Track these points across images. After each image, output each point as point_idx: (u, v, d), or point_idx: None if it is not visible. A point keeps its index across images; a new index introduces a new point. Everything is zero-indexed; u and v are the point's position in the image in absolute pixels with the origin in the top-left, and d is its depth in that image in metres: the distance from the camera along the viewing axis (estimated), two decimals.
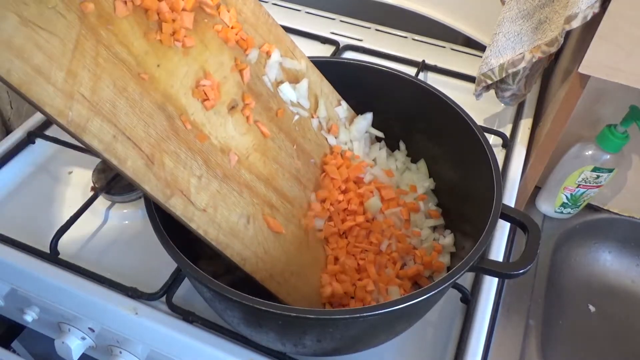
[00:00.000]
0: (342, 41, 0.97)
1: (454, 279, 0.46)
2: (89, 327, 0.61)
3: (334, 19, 1.04)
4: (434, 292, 0.44)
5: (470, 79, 0.87)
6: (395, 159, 0.70)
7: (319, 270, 0.58)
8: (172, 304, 0.57)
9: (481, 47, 0.92)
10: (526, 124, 0.82)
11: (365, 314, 0.42)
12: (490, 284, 0.60)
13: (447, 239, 0.62)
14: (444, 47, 0.98)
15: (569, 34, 0.75)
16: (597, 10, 0.59)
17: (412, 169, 0.70)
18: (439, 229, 0.65)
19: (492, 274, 0.50)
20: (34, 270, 0.59)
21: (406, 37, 1.00)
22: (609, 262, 0.88)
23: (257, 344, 0.54)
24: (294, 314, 0.42)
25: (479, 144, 0.57)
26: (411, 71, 0.88)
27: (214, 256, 0.51)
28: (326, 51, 0.94)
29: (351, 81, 0.67)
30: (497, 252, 0.64)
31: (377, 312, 0.43)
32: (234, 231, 0.51)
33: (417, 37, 1.00)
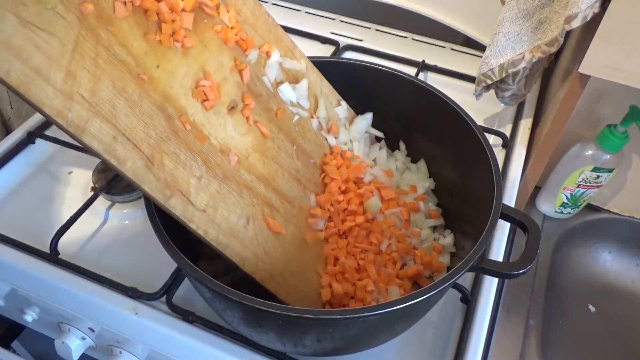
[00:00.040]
0: (342, 41, 0.97)
1: (454, 279, 0.46)
2: (89, 327, 0.61)
3: (334, 19, 1.04)
4: (434, 292, 0.44)
5: (470, 79, 0.87)
6: (395, 159, 0.70)
7: (318, 270, 0.58)
8: (172, 304, 0.57)
9: (481, 47, 0.92)
10: (526, 124, 0.82)
11: (365, 314, 0.42)
12: (490, 284, 0.60)
13: (447, 239, 0.62)
14: (444, 47, 0.98)
15: (569, 34, 0.75)
16: (597, 10, 0.59)
17: (412, 169, 0.70)
18: (439, 229, 0.65)
19: (492, 274, 0.50)
20: (34, 270, 0.59)
21: (406, 37, 1.00)
22: (609, 262, 0.88)
23: (257, 344, 0.54)
24: (294, 314, 0.42)
25: (479, 144, 0.57)
26: (411, 71, 0.88)
27: (214, 256, 0.51)
28: (326, 51, 0.94)
29: (351, 81, 0.67)
30: (497, 252, 0.64)
31: (377, 312, 0.43)
32: (233, 231, 0.51)
33: (417, 37, 1.00)
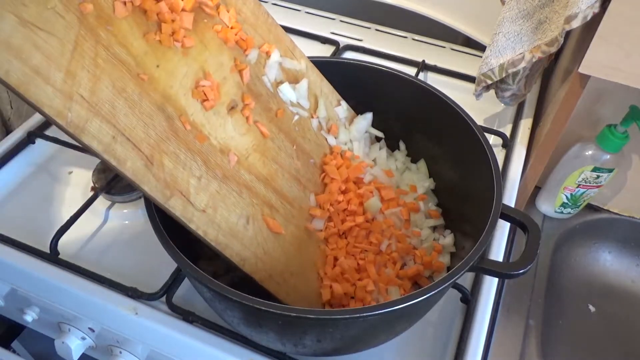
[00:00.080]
0: (342, 41, 0.97)
1: (454, 279, 0.46)
2: (89, 327, 0.61)
3: (334, 19, 1.04)
4: (434, 292, 0.44)
5: (470, 79, 0.87)
6: (395, 159, 0.70)
7: (318, 270, 0.58)
8: (172, 304, 0.57)
9: (481, 47, 0.92)
10: (526, 124, 0.82)
11: (365, 314, 0.42)
12: (490, 284, 0.60)
13: (447, 239, 0.62)
14: (444, 47, 0.98)
15: (569, 34, 0.75)
16: (597, 10, 0.59)
17: (412, 169, 0.70)
18: (439, 229, 0.65)
19: (492, 274, 0.50)
20: (34, 270, 0.59)
21: (406, 37, 1.00)
22: (609, 262, 0.88)
23: (257, 344, 0.54)
24: (294, 314, 0.42)
25: (479, 144, 0.57)
26: (411, 71, 0.88)
27: (213, 256, 0.51)
28: (326, 51, 0.94)
29: (351, 81, 0.67)
30: (497, 252, 0.64)
31: (377, 312, 0.43)
32: (233, 232, 0.51)
33: (417, 37, 1.00)
